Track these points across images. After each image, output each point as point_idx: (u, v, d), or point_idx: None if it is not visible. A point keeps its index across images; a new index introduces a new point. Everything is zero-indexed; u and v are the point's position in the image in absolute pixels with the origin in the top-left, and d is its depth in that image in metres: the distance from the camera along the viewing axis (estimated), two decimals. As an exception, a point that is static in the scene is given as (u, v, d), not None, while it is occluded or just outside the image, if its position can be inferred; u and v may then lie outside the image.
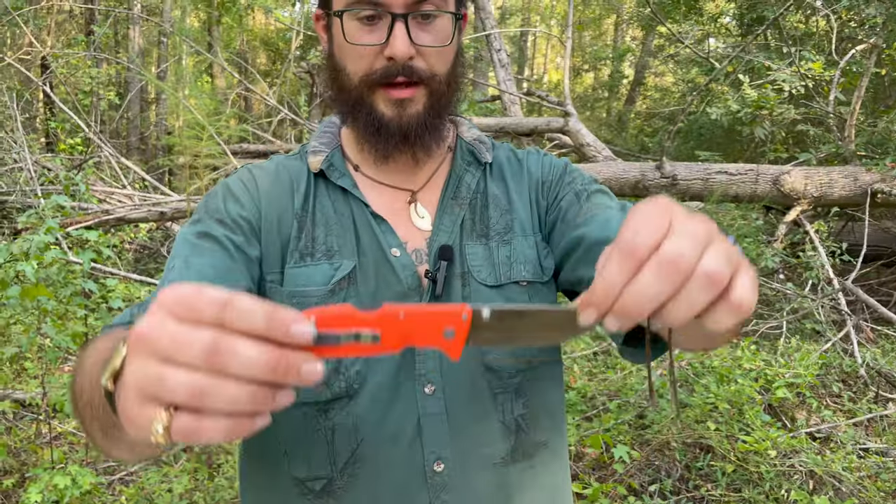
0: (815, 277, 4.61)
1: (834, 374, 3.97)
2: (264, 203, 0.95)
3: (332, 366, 0.89)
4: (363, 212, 0.96)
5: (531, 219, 1.01)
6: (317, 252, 0.94)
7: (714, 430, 3.01)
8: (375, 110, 0.92)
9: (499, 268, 0.96)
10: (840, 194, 5.11)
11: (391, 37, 0.88)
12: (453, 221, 0.98)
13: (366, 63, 0.90)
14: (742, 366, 3.60)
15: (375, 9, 0.88)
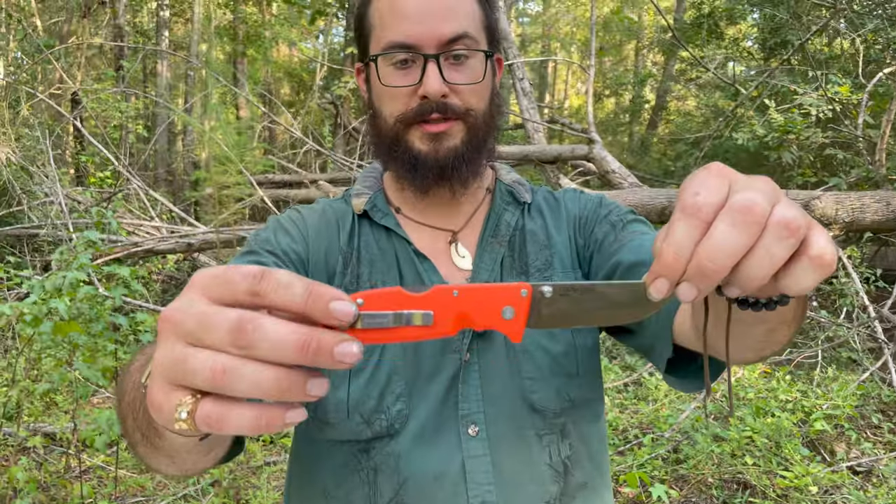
0: (850, 305, 4.51)
1: (872, 405, 3.87)
2: (312, 238, 0.98)
3: (373, 404, 0.88)
4: (406, 249, 0.97)
5: (570, 255, 1.01)
6: (361, 288, 0.93)
7: (752, 464, 2.93)
8: (411, 147, 0.94)
9: None
10: (872, 219, 5.01)
11: (424, 76, 0.90)
12: (493, 259, 0.98)
13: (401, 104, 0.92)
14: (778, 397, 3.51)
15: (408, 52, 0.90)
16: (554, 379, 0.92)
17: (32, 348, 3.97)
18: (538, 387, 0.91)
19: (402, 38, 0.90)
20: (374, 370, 0.90)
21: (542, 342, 0.93)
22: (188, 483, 3.34)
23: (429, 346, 0.92)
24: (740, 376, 3.80)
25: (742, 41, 9.67)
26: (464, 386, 0.90)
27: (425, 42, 0.90)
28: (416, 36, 0.89)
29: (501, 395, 0.91)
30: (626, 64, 19.26)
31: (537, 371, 0.92)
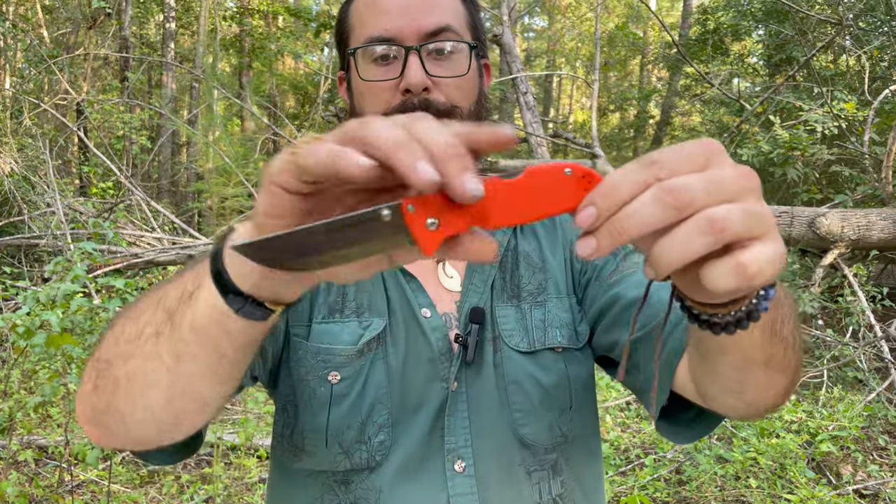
0: (856, 323, 4.45)
1: (879, 426, 3.80)
2: None
3: (354, 434, 0.82)
4: (391, 270, 0.90)
5: (566, 279, 0.95)
6: (346, 308, 0.88)
7: (756, 487, 2.87)
8: None
9: (532, 332, 0.89)
10: (879, 237, 4.96)
11: (406, 68, 0.85)
12: (484, 282, 0.92)
13: (382, 101, 0.87)
14: (783, 417, 3.45)
15: (388, 45, 0.86)
16: (546, 413, 0.87)
17: (28, 360, 3.94)
18: (528, 420, 0.86)
19: (381, 32, 0.86)
20: (358, 397, 0.84)
21: (534, 373, 0.87)
22: (182, 499, 3.29)
23: (415, 374, 0.86)
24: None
25: (747, 57, 9.65)
26: (450, 418, 0.85)
27: (406, 34, 0.86)
28: (395, 29, 0.85)
29: (490, 428, 0.85)
30: (630, 79, 19.30)
31: (528, 403, 0.86)
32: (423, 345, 0.86)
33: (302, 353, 0.85)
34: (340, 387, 0.83)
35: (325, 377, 0.83)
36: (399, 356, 0.86)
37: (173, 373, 0.58)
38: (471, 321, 0.87)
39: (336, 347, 0.84)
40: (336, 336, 0.85)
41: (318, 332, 0.86)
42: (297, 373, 0.85)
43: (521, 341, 0.88)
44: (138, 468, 3.59)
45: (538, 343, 0.89)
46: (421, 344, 0.86)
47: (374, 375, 0.84)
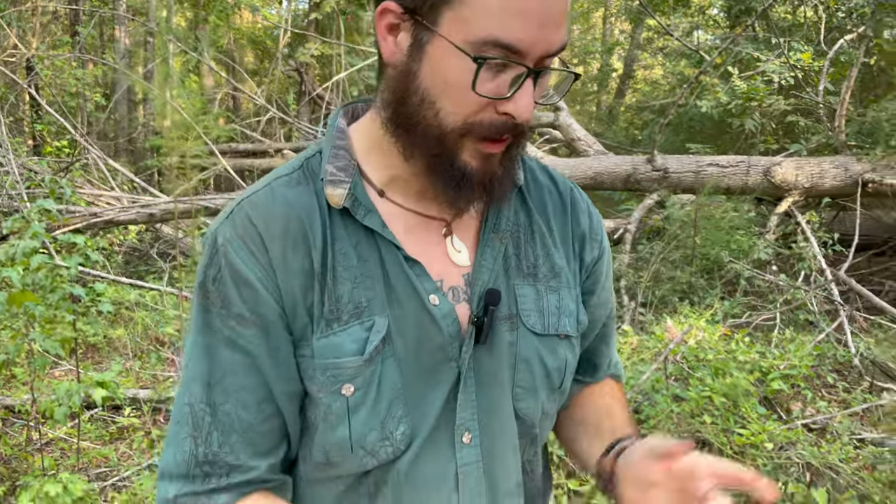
0: (808, 268, 4.62)
1: (828, 365, 3.97)
2: (280, 277, 0.80)
3: (377, 434, 0.82)
4: (395, 256, 0.83)
5: (573, 270, 0.95)
6: (343, 314, 0.81)
7: (710, 423, 3.00)
8: (459, 160, 0.78)
9: (547, 317, 0.90)
10: (831, 184, 5.12)
11: (519, 93, 0.73)
12: (494, 257, 0.88)
13: (470, 110, 0.75)
14: (737, 358, 3.59)
15: (514, 63, 0.72)
16: (541, 392, 0.90)
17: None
18: (526, 396, 0.89)
19: (514, 42, 0.71)
20: (374, 402, 0.82)
21: (543, 355, 0.89)
22: (153, 453, 3.32)
23: (427, 361, 0.84)
24: (701, 338, 3.87)
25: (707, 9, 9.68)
26: (461, 395, 0.85)
27: (535, 52, 0.72)
28: (529, 42, 0.71)
29: (496, 402, 0.87)
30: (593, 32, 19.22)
31: (531, 382, 0.89)
32: (434, 332, 0.83)
33: (311, 371, 0.81)
34: (356, 397, 0.80)
35: (338, 392, 0.80)
36: (409, 348, 0.83)
37: None
38: (487, 303, 0.85)
39: (344, 360, 0.80)
40: (340, 347, 0.80)
41: (321, 347, 0.80)
42: (308, 393, 0.82)
43: (536, 322, 0.89)
44: (107, 425, 3.61)
45: (551, 329, 0.90)
46: (432, 332, 0.83)
47: (386, 375, 0.82)
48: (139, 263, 6.26)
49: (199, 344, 0.81)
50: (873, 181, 4.85)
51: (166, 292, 4.79)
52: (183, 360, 0.84)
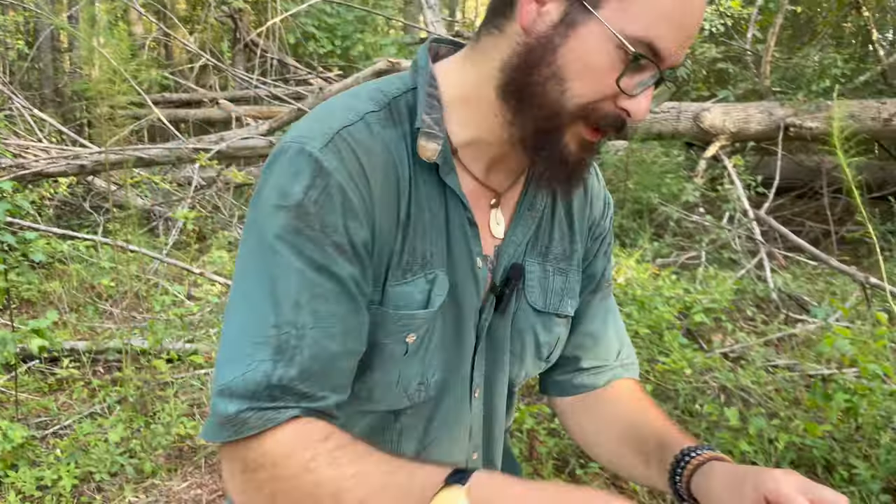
0: (733, 209, 4.83)
1: (749, 299, 4.21)
2: (378, 217, 0.80)
3: (418, 380, 0.88)
4: (461, 216, 0.86)
5: (582, 253, 1.01)
6: (415, 265, 0.84)
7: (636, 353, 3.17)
8: (563, 143, 0.80)
9: (550, 296, 0.97)
10: (756, 129, 5.32)
11: (644, 94, 0.77)
12: (524, 234, 0.93)
13: (598, 97, 0.77)
14: (662, 294, 3.78)
15: (657, 69, 0.76)
16: (529, 360, 0.99)
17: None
18: (517, 363, 0.98)
19: (663, 49, 0.74)
20: (426, 352, 0.87)
21: (537, 329, 0.97)
22: (94, 402, 3.33)
23: (466, 320, 0.90)
24: (631, 276, 4.05)
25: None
26: (478, 355, 0.93)
27: (669, 63, 0.77)
28: (672, 53, 0.75)
29: (497, 365, 0.96)
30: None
31: (523, 351, 0.98)
32: (473, 293, 0.89)
33: (380, 318, 0.83)
34: (415, 345, 0.85)
35: (403, 339, 0.84)
36: (456, 306, 0.88)
37: None
38: (510, 276, 0.91)
39: (417, 313, 0.84)
40: (410, 297, 0.84)
41: (394, 294, 0.83)
42: (373, 337, 0.83)
43: (537, 299, 0.95)
44: (45, 376, 3.58)
45: (551, 308, 0.97)
46: (472, 292, 0.89)
47: (438, 329, 0.87)
48: (71, 217, 6.11)
49: (286, 265, 0.76)
50: (794, 125, 5.06)
51: (101, 243, 4.71)
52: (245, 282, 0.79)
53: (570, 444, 2.85)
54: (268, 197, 0.77)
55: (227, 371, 0.76)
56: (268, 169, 0.80)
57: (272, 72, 8.21)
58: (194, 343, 3.84)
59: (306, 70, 7.93)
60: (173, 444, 3.01)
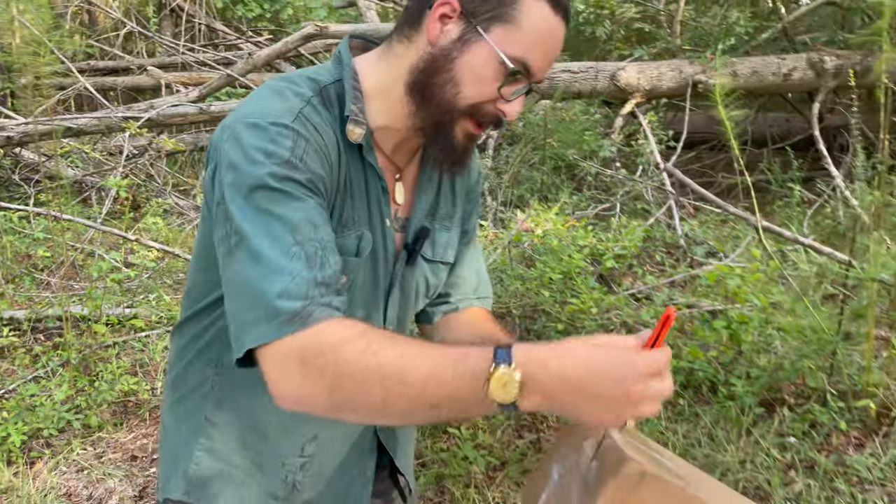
0: (646, 163, 5.15)
1: (659, 246, 4.55)
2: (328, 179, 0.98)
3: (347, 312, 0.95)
4: (377, 186, 1.06)
5: (460, 214, 1.26)
6: (348, 223, 1.03)
7: (549, 296, 3.47)
8: (454, 135, 1.02)
9: (437, 248, 1.20)
10: (668, 86, 5.63)
11: (517, 100, 0.99)
12: (427, 202, 1.17)
13: (482, 100, 0.99)
14: (577, 243, 4.07)
15: (529, 84, 0.99)
16: (420, 299, 1.22)
17: None
18: (406, 304, 1.20)
19: (534, 68, 0.98)
20: (352, 290, 1.04)
21: (428, 276, 1.19)
22: (37, 367, 3.44)
23: (379, 270, 1.09)
24: (549, 228, 4.33)
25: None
26: (391, 298, 1.15)
27: (537, 78, 1.00)
28: (539, 70, 0.99)
29: (401, 307, 1.18)
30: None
31: (418, 296, 1.20)
32: (384, 248, 1.09)
33: None
34: (345, 285, 0.98)
35: None
36: (374, 257, 1.08)
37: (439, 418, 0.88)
38: (418, 237, 1.15)
39: (350, 259, 1.03)
40: (345, 248, 1.02)
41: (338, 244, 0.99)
42: None
43: (427, 250, 1.18)
44: (-15, 346, 3.67)
45: (439, 257, 1.21)
46: (383, 247, 1.09)
47: (362, 274, 1.07)
48: (0, 190, 6.05)
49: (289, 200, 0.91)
50: (702, 82, 5.39)
51: (34, 214, 4.74)
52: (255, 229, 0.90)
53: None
54: (251, 158, 0.92)
55: (275, 283, 0.86)
56: (234, 142, 0.94)
57: (200, 37, 8.14)
58: (134, 308, 3.97)
59: (235, 35, 7.89)
60: (118, 400, 3.18)
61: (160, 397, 3.24)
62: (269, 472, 1.11)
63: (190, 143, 6.31)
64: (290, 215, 0.90)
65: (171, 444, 1.15)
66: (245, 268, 0.89)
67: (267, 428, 1.10)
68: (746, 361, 3.07)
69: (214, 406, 1.10)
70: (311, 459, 1.13)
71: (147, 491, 2.68)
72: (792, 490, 2.42)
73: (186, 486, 1.11)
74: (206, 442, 1.10)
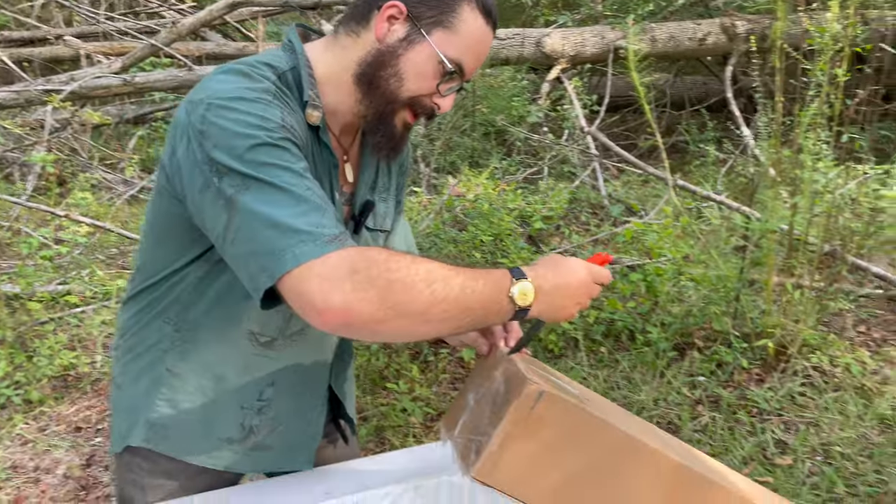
0: (571, 127, 5.35)
1: (584, 206, 4.77)
2: (301, 141, 1.05)
3: None
4: (328, 164, 1.16)
5: (395, 186, 1.38)
6: None
7: (480, 257, 3.63)
8: (394, 124, 1.14)
9: (377, 218, 1.32)
10: (591, 52, 5.83)
11: (450, 96, 1.13)
12: (370, 177, 1.28)
13: (421, 93, 1.11)
14: (507, 206, 4.25)
15: (461, 81, 1.13)
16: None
17: None
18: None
19: (466, 68, 1.11)
20: None
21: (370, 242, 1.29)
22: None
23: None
24: (480, 193, 4.48)
25: None
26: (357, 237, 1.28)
27: (467, 76, 1.13)
28: (470, 71, 1.12)
29: None
30: None
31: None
32: None
33: None
34: None
35: None
36: None
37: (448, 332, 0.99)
38: (364, 209, 1.26)
39: None
40: None
41: None
42: None
43: (370, 221, 1.30)
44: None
45: (378, 226, 1.33)
46: None
47: None
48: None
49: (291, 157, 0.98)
50: (623, 48, 5.59)
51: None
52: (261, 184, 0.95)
53: (423, 338, 3.29)
54: (247, 124, 0.97)
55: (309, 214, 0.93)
56: (220, 115, 0.98)
57: (120, 5, 7.88)
58: (67, 284, 3.95)
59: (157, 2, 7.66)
60: (58, 374, 3.20)
61: (101, 370, 3.28)
62: (228, 417, 1.21)
63: (115, 116, 6.18)
64: (294, 166, 0.97)
65: (128, 398, 1.23)
66: (266, 208, 0.93)
67: (228, 374, 1.19)
68: (661, 310, 3.31)
69: (177, 358, 1.19)
70: (269, 404, 1.22)
71: (94, 459, 2.75)
72: (699, 423, 2.68)
73: (147, 433, 1.20)
74: (167, 391, 1.19)
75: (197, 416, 1.20)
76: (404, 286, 0.90)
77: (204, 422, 1.21)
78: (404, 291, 0.90)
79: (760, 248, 3.27)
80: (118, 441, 1.25)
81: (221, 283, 1.14)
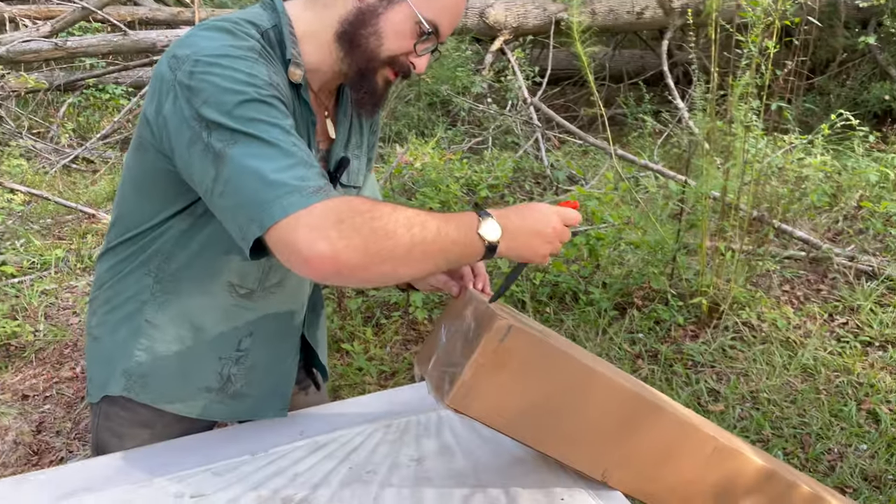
0: (515, 98, 5.44)
1: (528, 175, 4.89)
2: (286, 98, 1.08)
3: None
4: (308, 119, 1.17)
5: (367, 144, 1.39)
6: None
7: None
8: (376, 81, 1.16)
9: (351, 175, 1.34)
10: (533, 24, 5.92)
11: (426, 56, 1.15)
12: (344, 134, 1.29)
13: (400, 52, 1.13)
14: (454, 175, 4.32)
15: (437, 43, 1.15)
16: None
17: None
18: None
19: (442, 30, 1.13)
20: None
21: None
22: None
23: None
24: (426, 162, 4.55)
25: None
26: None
27: (443, 37, 1.15)
28: (446, 33, 1.15)
29: None
30: None
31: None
32: None
33: None
34: None
35: None
36: None
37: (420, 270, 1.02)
38: (340, 165, 1.28)
39: None
40: None
41: None
42: None
43: (344, 177, 1.32)
44: None
45: (352, 182, 1.35)
46: None
47: None
48: None
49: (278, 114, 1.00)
50: (564, 20, 5.70)
51: None
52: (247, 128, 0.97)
53: (375, 300, 3.35)
54: (235, 79, 0.99)
55: (294, 168, 0.96)
56: (207, 70, 1.00)
57: None
58: (2, 255, 3.84)
59: (86, -36, 7.34)
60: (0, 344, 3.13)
61: (44, 338, 3.22)
62: (206, 366, 1.25)
63: (44, 82, 5.94)
64: (282, 122, 0.99)
65: (106, 349, 1.25)
66: (255, 162, 0.95)
67: (207, 325, 1.21)
68: (603, 272, 3.47)
69: (156, 309, 1.21)
70: (246, 354, 1.26)
71: (44, 426, 2.72)
72: (639, 375, 2.83)
73: (126, 382, 1.22)
74: (146, 342, 1.21)
75: (175, 366, 1.23)
76: (386, 233, 0.94)
77: (182, 371, 1.24)
78: (387, 238, 0.94)
79: (695, 213, 3.46)
80: (96, 391, 1.27)
81: (204, 236, 1.16)
